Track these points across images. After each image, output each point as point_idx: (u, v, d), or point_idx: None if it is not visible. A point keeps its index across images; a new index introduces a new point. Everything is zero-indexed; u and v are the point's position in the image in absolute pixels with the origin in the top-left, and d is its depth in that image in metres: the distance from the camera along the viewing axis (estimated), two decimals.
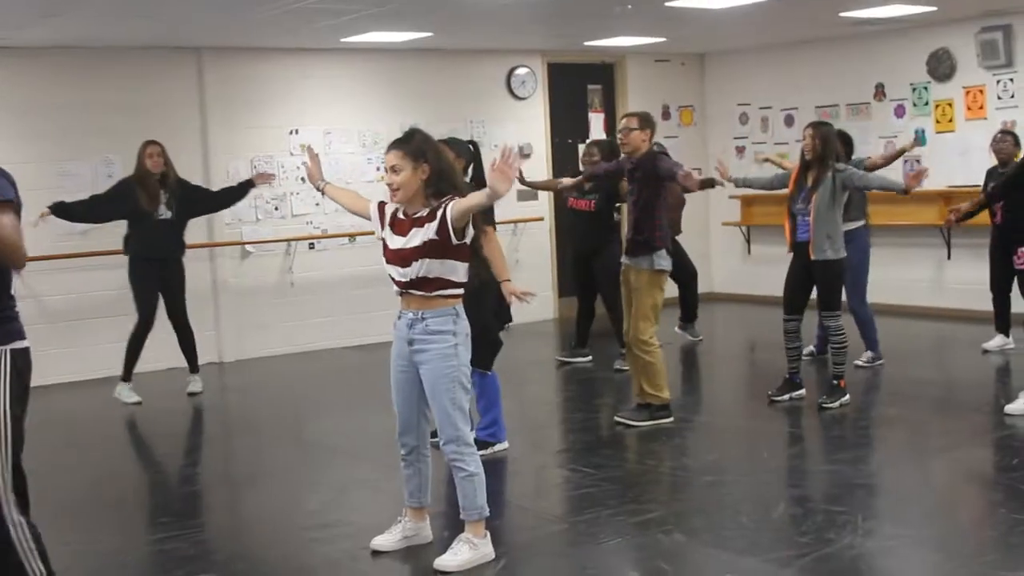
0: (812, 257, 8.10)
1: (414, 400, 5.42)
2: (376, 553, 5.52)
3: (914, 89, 12.33)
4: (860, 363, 9.46)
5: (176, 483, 7.62)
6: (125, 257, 9.53)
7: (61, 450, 8.14)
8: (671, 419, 7.93)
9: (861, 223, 9.37)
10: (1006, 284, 9.49)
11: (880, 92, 12.65)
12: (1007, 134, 9.93)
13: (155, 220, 9.38)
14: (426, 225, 5.16)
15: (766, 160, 11.11)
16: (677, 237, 10.89)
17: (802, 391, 8.40)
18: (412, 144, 5.22)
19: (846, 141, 9.30)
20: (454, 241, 5.16)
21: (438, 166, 5.23)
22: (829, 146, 8.09)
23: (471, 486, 5.32)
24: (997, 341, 9.96)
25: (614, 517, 5.99)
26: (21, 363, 4.39)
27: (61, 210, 9.26)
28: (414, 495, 5.57)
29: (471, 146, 7.41)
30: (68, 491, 6.94)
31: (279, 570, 5.60)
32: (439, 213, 5.15)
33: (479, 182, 7.32)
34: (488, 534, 5.41)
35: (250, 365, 11.33)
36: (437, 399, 5.27)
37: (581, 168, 10.41)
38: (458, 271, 5.26)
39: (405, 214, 5.28)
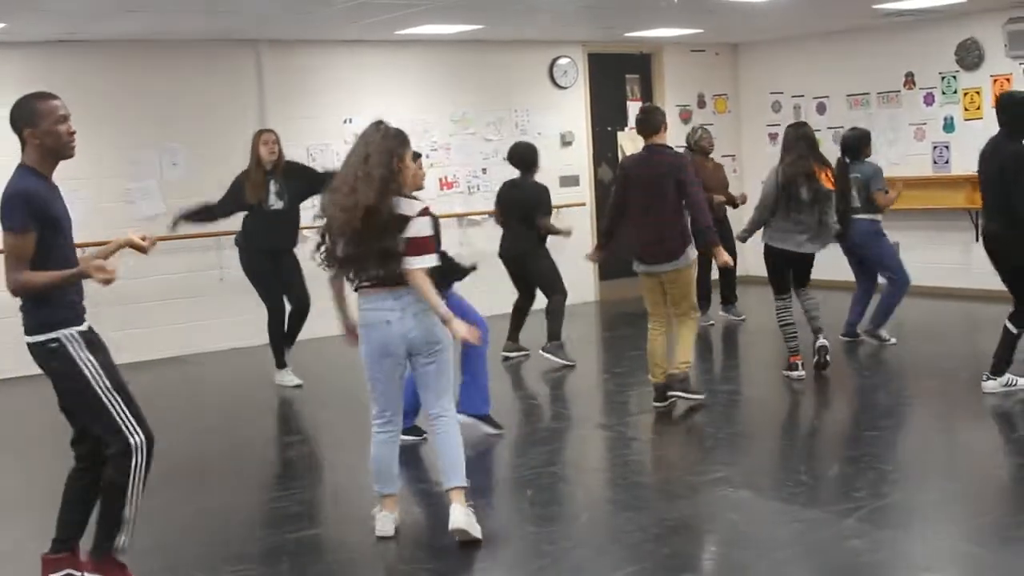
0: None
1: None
2: None
3: (943, 78, 12.74)
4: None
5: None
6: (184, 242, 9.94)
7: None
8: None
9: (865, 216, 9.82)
10: None
11: (910, 81, 13.08)
12: None
13: (265, 211, 9.29)
14: None
15: None
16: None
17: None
18: None
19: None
20: None
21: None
22: None
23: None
24: None
25: (682, 477, 6.49)
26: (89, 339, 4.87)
27: (189, 217, 9.26)
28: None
29: None
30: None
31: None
32: None
33: None
34: None
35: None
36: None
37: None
38: None
39: None
